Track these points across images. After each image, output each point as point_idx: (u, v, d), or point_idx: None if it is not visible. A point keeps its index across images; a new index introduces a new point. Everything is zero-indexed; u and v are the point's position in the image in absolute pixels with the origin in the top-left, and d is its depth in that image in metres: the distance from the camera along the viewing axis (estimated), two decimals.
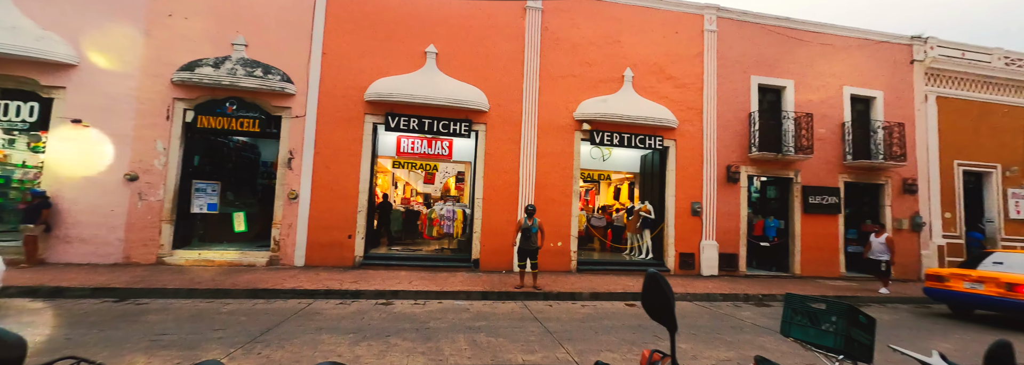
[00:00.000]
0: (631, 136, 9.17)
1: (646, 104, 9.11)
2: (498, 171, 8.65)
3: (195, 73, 7.42)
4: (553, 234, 8.45)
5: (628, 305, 6.66)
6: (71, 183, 7.21)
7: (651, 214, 9.65)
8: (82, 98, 7.29)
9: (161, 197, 7.47)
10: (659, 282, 1.31)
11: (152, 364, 3.48)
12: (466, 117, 8.50)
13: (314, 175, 7.96)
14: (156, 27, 7.57)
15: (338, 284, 6.52)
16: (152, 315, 4.93)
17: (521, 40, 8.85)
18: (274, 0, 8.00)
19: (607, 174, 12.02)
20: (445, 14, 8.62)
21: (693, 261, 9.30)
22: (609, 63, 9.22)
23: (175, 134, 7.58)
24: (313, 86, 8.01)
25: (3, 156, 8.98)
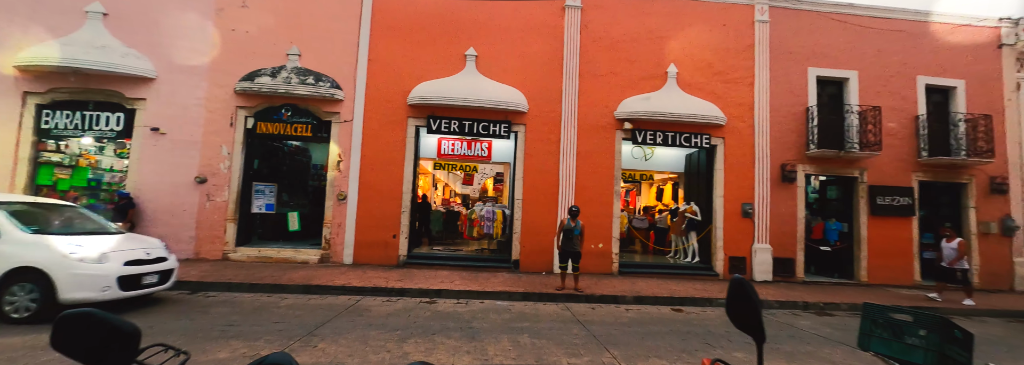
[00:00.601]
0: (675, 135, 8.83)
1: (692, 101, 8.75)
2: (537, 172, 8.62)
3: (255, 82, 7.97)
4: (594, 235, 8.30)
5: (675, 310, 6.41)
6: (150, 185, 7.96)
7: (697, 216, 9.25)
8: (159, 108, 8.03)
9: (226, 198, 8.07)
10: (746, 288, 1.22)
11: (223, 352, 3.75)
12: (505, 118, 8.54)
13: (361, 177, 8.30)
14: (222, 42, 8.21)
15: (384, 282, 6.75)
16: (220, 307, 5.33)
17: (560, 39, 8.77)
18: (325, 12, 8.43)
19: (649, 174, 11.66)
20: (483, 17, 8.71)
21: (744, 266, 8.81)
22: (651, 60, 8.94)
23: (238, 140, 8.17)
24: (360, 91, 8.36)
25: (94, 161, 10.07)
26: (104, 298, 4.51)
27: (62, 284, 4.36)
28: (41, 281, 4.35)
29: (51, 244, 4.56)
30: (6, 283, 4.35)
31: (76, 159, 9.50)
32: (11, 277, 4.35)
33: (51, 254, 4.45)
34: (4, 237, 4.49)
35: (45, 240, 4.62)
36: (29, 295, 4.37)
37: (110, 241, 5.04)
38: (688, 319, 5.90)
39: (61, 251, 4.50)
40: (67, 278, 4.38)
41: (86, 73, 7.68)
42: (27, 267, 4.37)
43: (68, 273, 4.40)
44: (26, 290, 4.37)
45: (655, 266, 9.31)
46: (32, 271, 4.36)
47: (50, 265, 4.39)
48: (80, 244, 4.68)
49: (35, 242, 4.55)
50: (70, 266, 4.43)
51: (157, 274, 5.10)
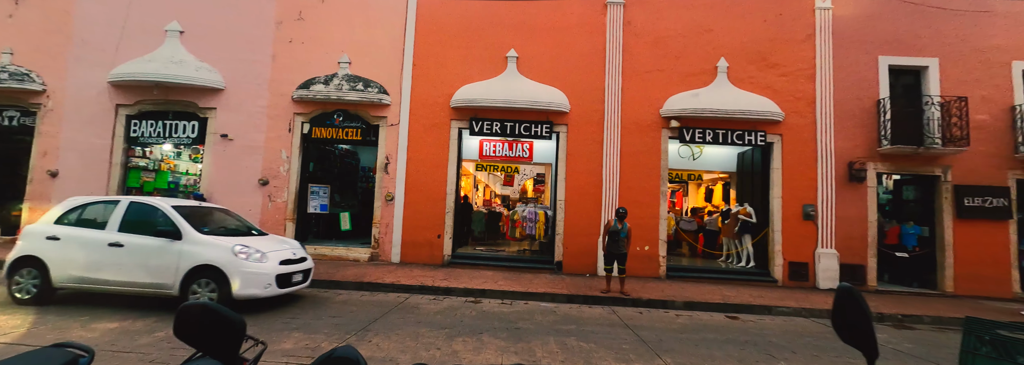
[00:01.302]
0: (727, 132, 8.39)
1: (744, 96, 8.28)
2: (580, 172, 8.50)
3: (310, 90, 8.47)
4: (640, 238, 8.05)
5: (730, 318, 6.07)
6: (220, 187, 8.66)
7: (752, 218, 8.72)
8: (227, 116, 8.73)
9: (285, 199, 8.62)
10: (855, 298, 1.13)
11: (288, 343, 3.99)
12: (547, 119, 8.50)
13: (407, 179, 8.57)
14: (280, 53, 8.80)
15: (431, 281, 6.91)
16: (282, 300, 5.68)
17: (602, 37, 8.61)
18: (372, 20, 8.80)
19: (697, 174, 11.15)
20: (523, 18, 8.73)
21: (806, 272, 8.19)
22: (699, 54, 8.56)
23: (295, 144, 8.71)
24: (405, 96, 8.65)
25: (173, 166, 11.11)
26: (267, 294, 4.88)
27: (236, 281, 4.72)
28: (218, 278, 4.74)
29: (223, 244, 4.93)
30: (190, 279, 4.77)
31: (158, 164, 10.52)
32: (194, 274, 4.76)
33: (224, 253, 4.81)
34: (186, 237, 4.89)
35: (217, 240, 5.00)
36: (209, 291, 4.75)
37: (264, 241, 5.38)
38: (745, 327, 5.56)
39: (232, 250, 4.85)
40: (239, 276, 4.73)
41: (167, 86, 8.50)
42: (206, 265, 4.77)
43: (240, 271, 4.75)
44: (206, 286, 4.77)
45: (705, 270, 8.87)
46: (210, 269, 4.76)
47: (226, 263, 4.75)
48: (246, 244, 5.02)
49: (210, 242, 4.92)
50: (241, 265, 4.78)
51: (301, 273, 5.41)
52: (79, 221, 5.24)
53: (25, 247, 5.04)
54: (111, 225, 5.04)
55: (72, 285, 4.92)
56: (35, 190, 8.73)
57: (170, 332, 4.16)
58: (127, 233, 4.98)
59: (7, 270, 4.99)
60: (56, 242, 5.01)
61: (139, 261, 4.84)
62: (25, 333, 3.97)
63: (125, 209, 5.14)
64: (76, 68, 8.86)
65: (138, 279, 4.80)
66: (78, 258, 4.90)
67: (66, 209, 5.30)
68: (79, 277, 4.87)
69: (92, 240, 4.97)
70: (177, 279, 4.74)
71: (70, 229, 5.11)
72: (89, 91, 8.80)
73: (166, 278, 4.76)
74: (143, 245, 4.89)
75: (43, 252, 4.95)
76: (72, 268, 4.88)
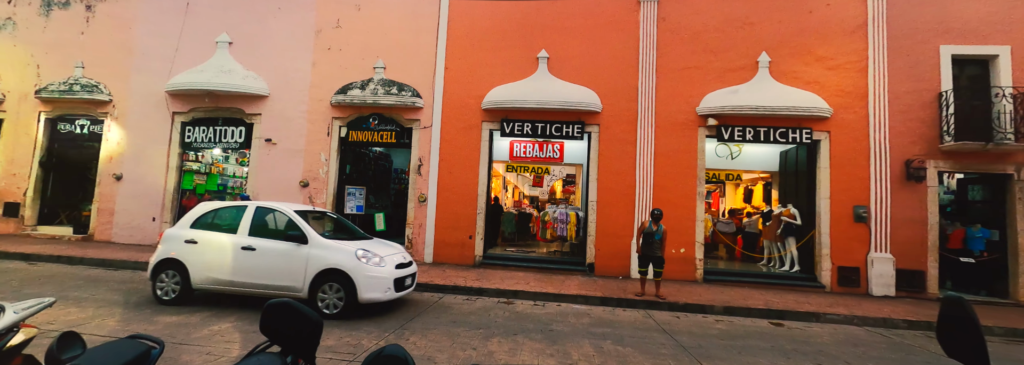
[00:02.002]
0: (768, 130, 8.02)
1: (788, 92, 7.88)
2: (613, 173, 8.35)
3: (347, 95, 8.77)
4: (675, 240, 7.82)
5: (774, 324, 5.80)
6: (265, 189, 9.11)
7: (796, 220, 8.29)
8: (271, 122, 9.18)
9: (324, 200, 8.96)
10: (965, 308, 1.06)
11: (330, 340, 4.14)
12: (578, 119, 8.41)
13: (439, 180, 8.71)
14: (320, 60, 9.16)
15: (463, 281, 6.99)
16: None
17: (635, 34, 8.44)
18: (406, 25, 9.01)
19: (736, 174, 10.72)
20: (555, 18, 8.68)
21: (858, 277, 7.70)
22: (739, 49, 8.22)
23: (333, 147, 9.04)
24: (437, 99, 8.80)
25: (222, 169, 11.80)
26: (386, 298, 4.96)
27: (361, 285, 4.79)
28: (343, 282, 4.83)
29: (347, 248, 5.01)
30: (318, 282, 4.88)
31: (209, 167, 11.20)
32: (321, 277, 4.88)
33: (349, 258, 4.89)
34: (311, 241, 5.00)
35: (340, 244, 5.08)
36: (336, 294, 4.86)
37: (376, 245, 5.45)
38: (791, 335, 5.29)
39: (356, 255, 4.93)
40: (364, 280, 4.81)
41: (217, 94, 9.04)
42: (332, 269, 4.87)
43: (364, 275, 4.82)
44: (333, 290, 4.87)
45: (745, 274, 8.51)
46: (336, 273, 4.86)
47: (351, 267, 4.83)
48: (367, 248, 5.10)
49: (334, 246, 5.01)
50: (365, 269, 4.86)
51: (410, 277, 5.44)
52: (212, 225, 5.43)
53: (166, 250, 5.25)
54: (242, 229, 5.19)
55: (209, 287, 5.10)
56: (103, 192, 9.50)
57: (225, 326, 4.42)
58: (257, 237, 5.13)
59: (151, 271, 5.23)
60: (194, 245, 5.19)
61: (270, 264, 4.97)
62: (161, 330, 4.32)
63: (252, 214, 5.27)
64: (137, 79, 9.58)
65: (269, 282, 4.94)
66: (214, 261, 5.08)
67: (201, 213, 5.47)
68: (215, 279, 5.05)
69: (226, 244, 5.12)
70: (306, 282, 4.86)
71: (206, 233, 5.28)
72: (148, 100, 9.50)
73: (295, 281, 4.88)
74: (273, 249, 5.02)
75: (183, 255, 5.15)
76: (209, 270, 5.06)
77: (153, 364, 1.84)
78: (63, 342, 1.31)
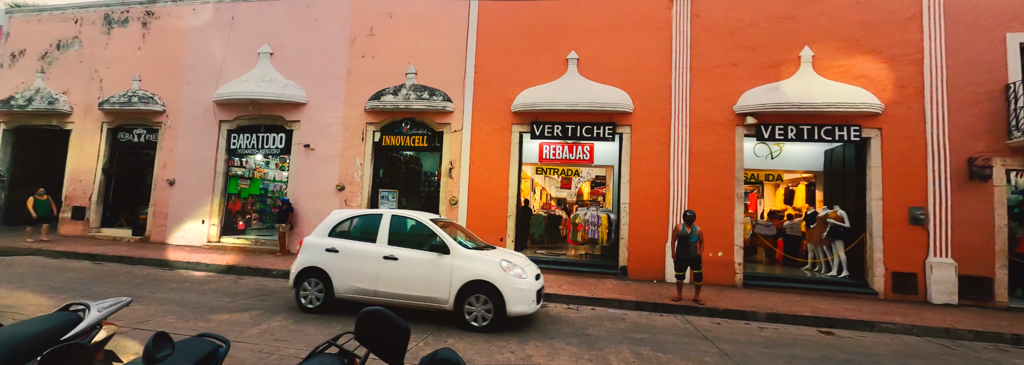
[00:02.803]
0: (813, 128, 7.64)
1: (834, 87, 7.48)
2: (645, 174, 8.18)
3: (380, 101, 9.00)
4: (713, 243, 7.57)
5: (823, 333, 5.50)
6: (303, 192, 9.47)
7: (844, 222, 7.85)
8: (309, 128, 9.54)
9: (359, 203, 9.22)
10: None
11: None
12: (610, 120, 8.29)
13: (470, 183, 8.79)
14: (354, 67, 9.46)
15: None
16: None
17: (667, 32, 8.25)
18: (436, 30, 9.18)
19: (776, 174, 10.27)
20: (584, 19, 8.61)
21: (914, 283, 7.20)
22: (779, 44, 7.88)
23: (367, 152, 9.30)
24: (468, 102, 8.89)
25: (263, 174, 12.36)
26: (530, 311, 4.76)
27: (509, 297, 4.61)
28: (490, 293, 4.66)
29: (490, 258, 4.85)
30: (463, 294, 4.74)
31: (252, 172, 11.76)
32: (466, 289, 4.73)
33: (494, 269, 4.73)
34: (453, 252, 4.87)
35: (483, 254, 4.94)
36: (484, 306, 4.70)
37: (511, 256, 5.27)
38: (843, 344, 5.01)
39: (501, 266, 4.75)
40: (512, 292, 4.62)
41: (259, 102, 9.49)
42: (479, 280, 4.70)
43: (512, 287, 4.64)
44: (480, 301, 4.71)
45: (788, 279, 8.12)
46: (482, 284, 4.70)
47: (498, 279, 4.66)
48: (508, 259, 4.93)
49: (477, 257, 4.87)
50: (512, 281, 4.68)
51: (541, 288, 5.20)
52: (349, 234, 5.38)
53: (308, 258, 5.19)
54: (381, 238, 5.13)
55: (351, 296, 5.03)
56: (157, 197, 10.15)
57: (275, 324, 4.61)
58: (397, 246, 5.06)
59: (294, 279, 5.21)
60: (335, 254, 5.13)
61: (413, 275, 4.88)
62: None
63: (390, 222, 5.20)
64: (188, 90, 10.19)
65: (413, 292, 4.85)
66: (356, 270, 5.02)
67: (336, 221, 5.42)
68: (358, 288, 4.98)
69: (368, 253, 5.05)
70: (451, 294, 4.74)
71: (346, 242, 5.21)
72: (198, 110, 10.08)
73: (440, 292, 4.78)
74: (415, 259, 4.92)
75: (325, 263, 5.10)
76: (352, 279, 5.01)
77: (221, 362, 1.94)
78: (157, 341, 1.42)
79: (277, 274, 7.35)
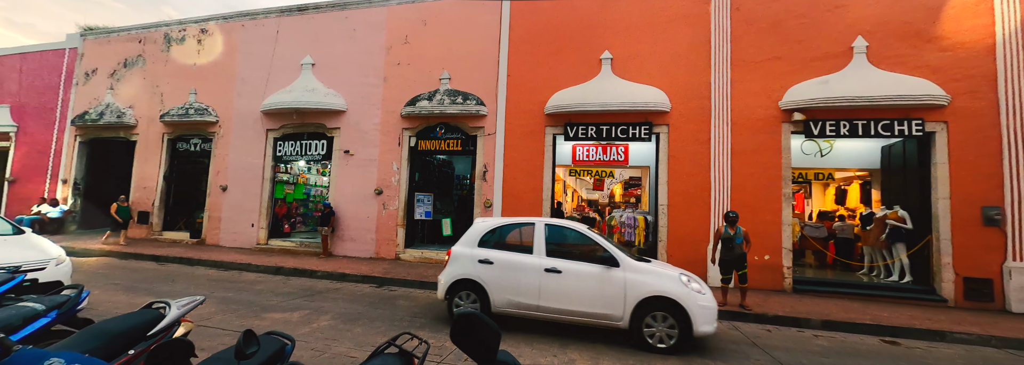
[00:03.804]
0: (868, 123, 7.16)
1: (891, 79, 7.00)
2: (684, 174, 7.94)
3: (416, 106, 9.23)
4: (759, 246, 7.24)
5: (887, 342, 5.13)
6: (344, 197, 9.83)
7: (906, 223, 7.30)
8: (349, 134, 9.91)
9: (396, 207, 9.47)
10: None
11: (412, 342, 4.32)
12: (645, 120, 8.12)
13: (504, 186, 8.83)
14: (391, 75, 9.75)
15: None
16: (401, 300, 6.21)
17: (706, 28, 7.99)
18: (469, 36, 9.31)
19: (826, 173, 9.71)
20: (617, 17, 8.49)
21: (990, 290, 6.59)
22: (828, 35, 7.46)
23: (404, 156, 9.54)
24: (501, 106, 8.95)
25: (306, 179, 12.92)
26: (712, 332, 4.30)
27: (696, 316, 4.18)
28: (673, 311, 4.25)
29: (668, 272, 4.51)
30: (640, 311, 4.34)
31: (296, 178, 12.32)
32: (644, 305, 4.34)
33: (675, 283, 4.36)
34: (623, 264, 4.52)
35: (659, 267, 4.59)
36: (665, 325, 4.28)
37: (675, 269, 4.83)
38: (911, 355, 4.64)
39: (681, 280, 4.40)
40: (698, 310, 4.20)
41: (302, 111, 9.95)
42: (658, 296, 4.30)
43: (697, 305, 4.22)
44: (662, 320, 4.30)
45: (842, 284, 7.62)
46: (661, 300, 4.30)
47: (681, 296, 4.25)
48: (686, 273, 4.62)
49: (652, 270, 4.50)
50: (695, 297, 4.27)
51: None
52: (500, 244, 5.13)
53: (461, 270, 4.97)
54: (538, 249, 4.83)
55: (510, 311, 4.75)
56: (212, 202, 10.83)
57: (323, 323, 4.79)
58: (556, 258, 4.74)
59: (446, 291, 5.02)
60: (490, 266, 4.87)
61: (580, 289, 4.54)
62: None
63: (545, 232, 4.91)
64: (238, 102, 10.84)
65: (581, 308, 4.51)
66: (515, 283, 4.73)
67: (484, 231, 5.17)
68: (517, 302, 4.70)
69: (526, 265, 4.75)
70: (626, 310, 4.36)
71: (501, 252, 4.94)
72: (247, 119, 10.70)
73: (613, 309, 4.40)
74: (581, 272, 4.59)
75: (479, 275, 4.86)
76: (510, 293, 4.73)
77: (288, 359, 2.04)
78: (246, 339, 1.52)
79: (321, 275, 7.65)
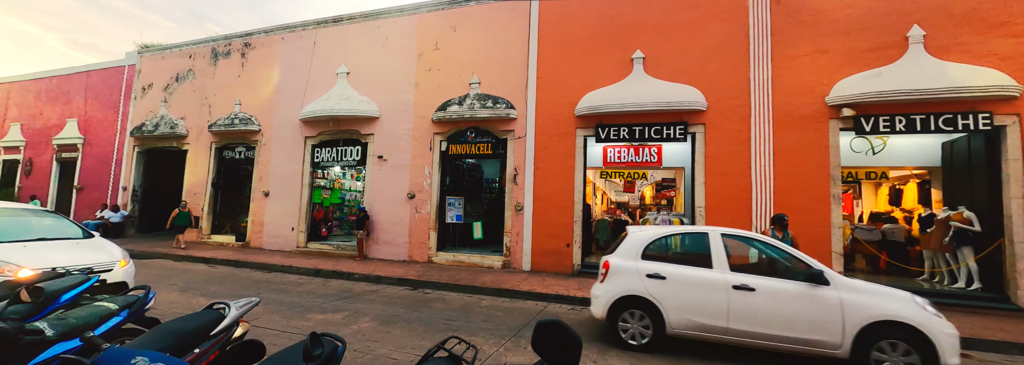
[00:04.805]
0: (927, 117, 6.66)
1: (953, 69, 6.49)
2: (722, 175, 7.64)
3: (447, 111, 9.36)
4: (806, 249, 6.81)
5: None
6: (378, 201, 10.07)
7: (973, 225, 6.72)
8: (382, 140, 10.16)
9: (428, 210, 9.60)
10: None
11: (452, 343, 4.34)
12: (680, 119, 7.89)
13: (535, 189, 8.79)
14: (422, 81, 9.95)
15: (565, 290, 6.89)
16: (436, 303, 6.26)
17: (743, 23, 7.70)
18: (498, 39, 9.38)
19: (878, 171, 9.10)
20: (650, 15, 8.32)
21: None
22: (879, 25, 7.02)
23: (435, 161, 9.68)
24: (531, 109, 8.94)
25: (341, 184, 13.34)
26: None
27: (943, 347, 3.52)
28: (909, 339, 3.61)
29: (896, 293, 3.87)
30: (866, 338, 3.70)
31: (332, 183, 12.73)
32: (870, 332, 3.70)
33: (910, 306, 3.72)
34: (834, 282, 3.92)
35: (878, 287, 3.93)
36: (903, 357, 3.63)
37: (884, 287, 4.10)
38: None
39: (916, 302, 3.78)
40: (944, 339, 3.55)
41: (338, 118, 10.30)
42: (889, 322, 3.67)
43: (941, 332, 3.57)
44: (897, 350, 3.65)
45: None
46: (892, 326, 3.66)
47: (922, 322, 3.61)
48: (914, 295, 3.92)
49: (874, 290, 3.89)
50: (937, 323, 3.63)
51: None
52: (668, 256, 4.73)
53: (625, 285, 4.44)
54: (718, 262, 4.29)
55: (691, 333, 4.19)
56: (255, 207, 11.35)
57: (363, 325, 4.88)
58: (743, 273, 4.19)
59: (608, 309, 4.49)
60: (661, 281, 4.34)
61: (780, 310, 3.93)
62: None
63: (723, 243, 4.39)
64: (278, 111, 11.35)
65: (782, 332, 3.89)
66: (696, 301, 4.17)
67: (646, 241, 4.68)
68: (700, 324, 4.13)
69: (708, 281, 4.20)
70: (846, 337, 3.73)
71: (674, 267, 4.41)
72: (287, 128, 11.18)
73: (827, 335, 3.78)
74: (779, 290, 4.00)
75: (650, 292, 4.32)
76: (690, 312, 4.17)
77: (340, 360, 2.08)
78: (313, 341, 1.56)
79: (358, 278, 7.84)
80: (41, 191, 14.78)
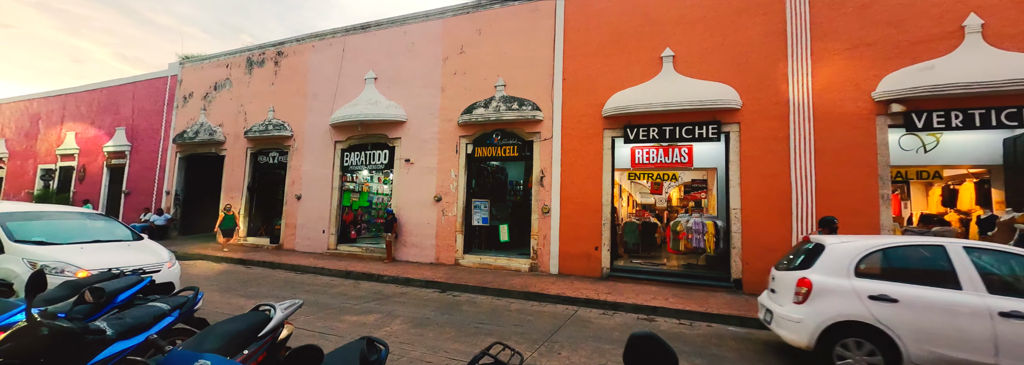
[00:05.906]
0: (987, 112, 6.20)
1: (1014, 60, 6.01)
2: (759, 176, 7.33)
3: (472, 114, 9.39)
4: None
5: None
6: (405, 204, 10.19)
7: None
8: (409, 144, 10.29)
9: (455, 213, 9.64)
10: None
11: (477, 346, 4.29)
12: (713, 118, 7.63)
13: (562, 191, 8.68)
14: (447, 84, 10.04)
15: (594, 294, 6.75)
16: (465, 306, 6.24)
17: (780, 16, 7.39)
18: (523, 42, 9.36)
19: (930, 171, 8.53)
20: (679, 12, 8.10)
21: None
22: (930, 15, 6.60)
23: (461, 164, 9.73)
24: (557, 110, 8.86)
25: (369, 187, 13.59)
26: None
27: None
28: None
29: None
30: None
31: (361, 186, 12.99)
32: None
33: None
34: None
35: None
36: None
37: None
38: None
39: None
40: None
41: (366, 123, 10.51)
42: None
43: None
44: None
45: None
46: None
47: None
48: None
49: None
50: None
51: None
52: (893, 274, 3.90)
53: (840, 309, 3.79)
54: (968, 282, 3.61)
55: None
56: (288, 210, 11.70)
57: (396, 327, 4.91)
58: (1010, 296, 3.51)
59: (817, 336, 3.81)
60: (892, 305, 3.66)
61: None
62: None
63: (970, 259, 3.71)
64: (309, 117, 11.69)
65: None
66: (946, 331, 3.50)
67: (859, 255, 3.97)
68: (953, 359, 3.45)
69: (961, 305, 3.52)
70: None
71: (901, 287, 3.74)
72: (317, 133, 11.49)
73: None
74: None
75: (879, 318, 3.66)
76: (937, 344, 3.50)
77: (383, 363, 2.06)
78: (370, 346, 1.54)
79: (387, 280, 7.93)
80: (93, 196, 15.74)
